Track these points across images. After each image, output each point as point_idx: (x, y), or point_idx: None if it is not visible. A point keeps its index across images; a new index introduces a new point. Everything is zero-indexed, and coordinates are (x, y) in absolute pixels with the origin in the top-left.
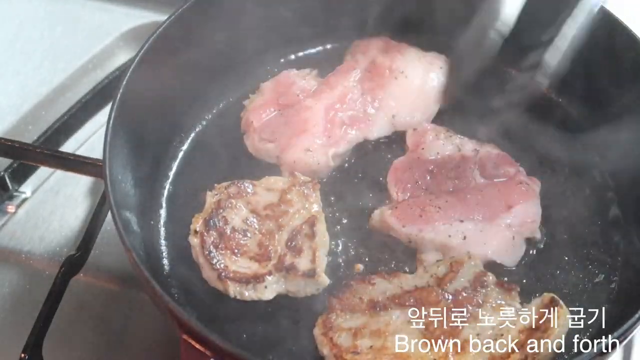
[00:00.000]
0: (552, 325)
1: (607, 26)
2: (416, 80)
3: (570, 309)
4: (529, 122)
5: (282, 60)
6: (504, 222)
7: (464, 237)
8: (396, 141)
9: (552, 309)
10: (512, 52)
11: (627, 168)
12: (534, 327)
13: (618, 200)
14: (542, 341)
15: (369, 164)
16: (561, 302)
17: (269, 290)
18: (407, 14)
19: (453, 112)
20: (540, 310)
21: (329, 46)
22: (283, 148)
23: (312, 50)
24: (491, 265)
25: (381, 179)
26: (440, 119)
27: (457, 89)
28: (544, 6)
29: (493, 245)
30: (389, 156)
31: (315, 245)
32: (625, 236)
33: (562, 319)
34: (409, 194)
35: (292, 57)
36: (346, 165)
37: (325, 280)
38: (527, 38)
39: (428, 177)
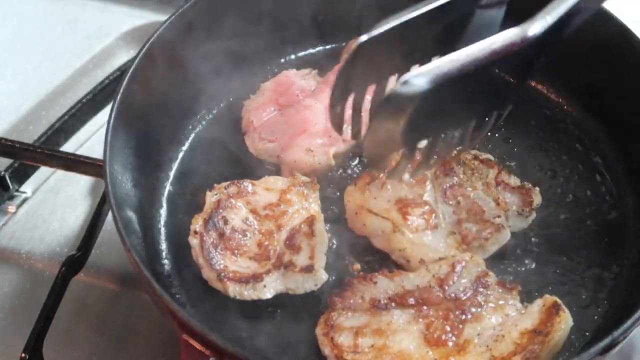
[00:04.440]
0: (553, 330)
1: (611, 31)
2: None
3: (570, 307)
4: (529, 125)
5: (282, 60)
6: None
7: None
8: None
9: (554, 313)
10: None
11: (630, 167)
12: (535, 330)
13: (618, 200)
14: (543, 345)
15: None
16: (563, 306)
17: (268, 289)
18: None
19: None
20: (542, 313)
21: (328, 46)
22: (284, 148)
23: (312, 50)
24: (491, 264)
25: None
26: None
27: None
28: None
29: None
30: None
31: (314, 244)
32: (625, 236)
33: (564, 323)
34: None
35: (292, 57)
36: (347, 164)
37: (323, 275)
38: None
39: None
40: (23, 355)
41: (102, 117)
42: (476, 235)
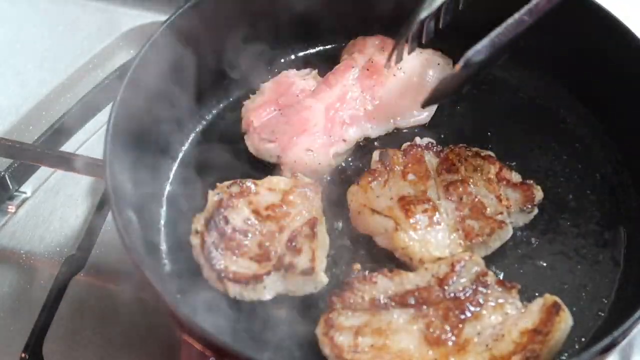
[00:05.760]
0: (554, 329)
1: (611, 31)
2: (414, 77)
3: (570, 307)
4: (527, 125)
5: (282, 60)
6: None
7: None
8: (396, 140)
9: (554, 312)
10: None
11: (630, 167)
12: (535, 329)
13: (618, 200)
14: (543, 344)
15: (367, 164)
16: (563, 305)
17: (268, 290)
18: (406, 14)
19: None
20: (542, 313)
21: (329, 46)
22: (283, 148)
23: (312, 50)
24: (491, 263)
25: None
26: (440, 121)
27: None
28: None
29: None
30: None
31: (315, 246)
32: (626, 236)
33: (564, 323)
34: None
35: (292, 57)
36: (347, 164)
37: (323, 278)
38: None
39: None
40: (23, 355)
41: (102, 117)
42: (479, 232)
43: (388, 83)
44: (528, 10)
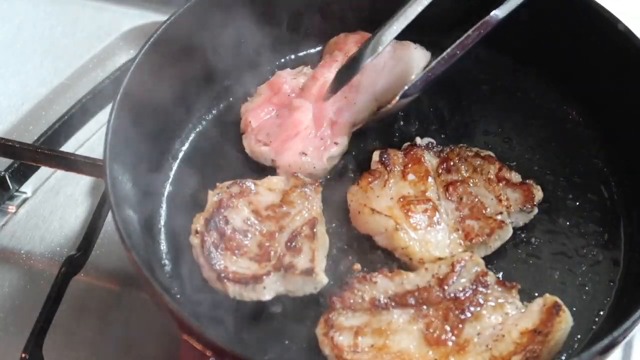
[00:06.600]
0: (554, 330)
1: (612, 32)
2: (389, 59)
3: (570, 307)
4: (529, 125)
5: (282, 60)
6: None
7: None
8: (396, 140)
9: (554, 313)
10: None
11: (630, 167)
12: (535, 330)
13: (618, 201)
14: (543, 345)
15: (367, 164)
16: (564, 306)
17: (268, 290)
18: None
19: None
20: (543, 313)
21: None
22: (277, 151)
23: (312, 50)
24: (491, 263)
25: None
26: (440, 121)
27: None
28: None
29: None
30: None
31: (315, 246)
32: (626, 236)
33: (564, 323)
34: None
35: (292, 57)
36: (347, 164)
37: (323, 279)
38: None
39: None
40: (23, 355)
41: (102, 117)
42: (479, 232)
43: (365, 70)
44: (459, 44)
